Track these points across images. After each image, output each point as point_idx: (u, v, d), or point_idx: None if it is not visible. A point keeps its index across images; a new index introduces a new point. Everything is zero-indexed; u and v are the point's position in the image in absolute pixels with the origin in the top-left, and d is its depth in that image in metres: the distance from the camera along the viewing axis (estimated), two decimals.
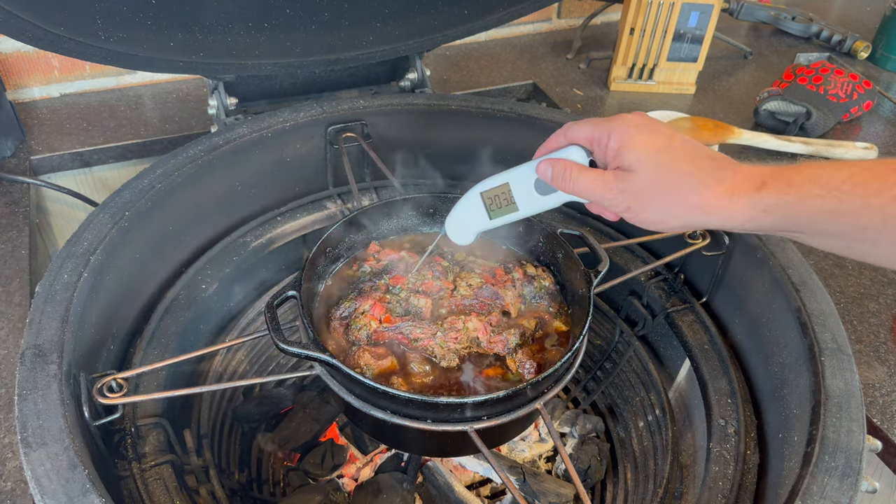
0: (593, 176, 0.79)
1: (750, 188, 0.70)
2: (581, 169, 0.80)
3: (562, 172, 0.81)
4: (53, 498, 0.68)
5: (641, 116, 0.78)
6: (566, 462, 0.83)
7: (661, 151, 0.74)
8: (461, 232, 0.97)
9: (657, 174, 0.73)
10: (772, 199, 0.69)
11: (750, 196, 0.70)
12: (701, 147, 0.75)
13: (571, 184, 0.80)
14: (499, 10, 1.45)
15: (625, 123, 0.77)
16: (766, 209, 0.69)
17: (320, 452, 1.25)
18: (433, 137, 1.38)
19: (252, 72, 1.33)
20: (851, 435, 0.81)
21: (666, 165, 0.73)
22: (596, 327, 1.35)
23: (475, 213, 0.93)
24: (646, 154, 0.74)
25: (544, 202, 0.87)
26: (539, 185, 0.86)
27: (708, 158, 0.73)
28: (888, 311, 1.25)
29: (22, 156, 1.54)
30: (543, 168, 0.83)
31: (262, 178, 1.27)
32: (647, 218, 0.77)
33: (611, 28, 2.28)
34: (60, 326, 0.84)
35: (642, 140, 0.75)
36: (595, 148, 0.80)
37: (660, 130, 0.76)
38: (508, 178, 0.89)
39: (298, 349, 0.83)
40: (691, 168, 0.73)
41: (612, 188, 0.77)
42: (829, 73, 1.78)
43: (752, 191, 0.69)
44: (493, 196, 0.91)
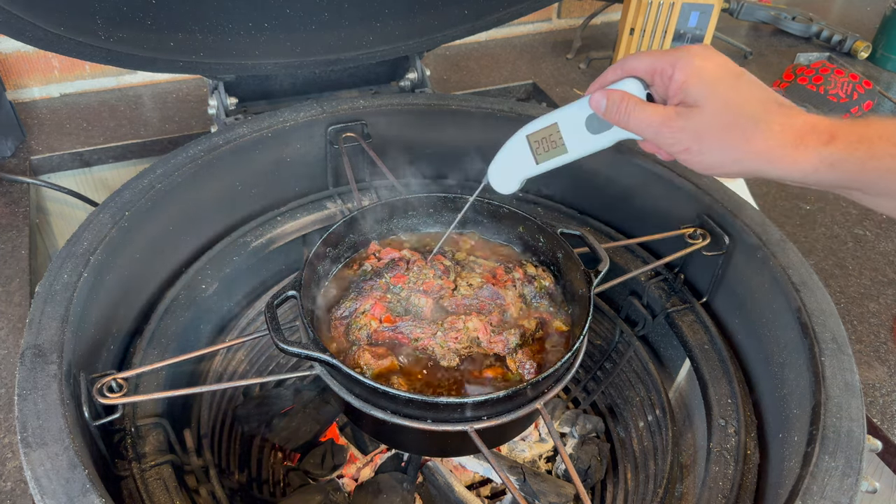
0: (652, 110, 0.74)
1: (819, 140, 0.66)
2: (639, 102, 0.75)
3: (617, 105, 0.76)
4: (53, 498, 0.68)
5: (709, 49, 0.73)
6: (566, 462, 0.83)
7: (729, 89, 0.70)
8: (505, 179, 0.92)
9: (724, 112, 0.69)
10: (841, 154, 0.65)
11: (818, 148, 0.66)
12: (769, 90, 0.71)
13: (627, 117, 0.75)
14: (499, 10, 1.45)
15: (692, 54, 0.72)
16: (833, 163, 0.66)
17: (320, 452, 1.25)
18: (433, 137, 1.38)
19: (252, 72, 1.33)
20: (851, 435, 0.81)
21: (734, 105, 0.69)
22: (596, 327, 1.35)
23: (520, 157, 0.88)
24: (713, 90, 0.70)
25: (596, 142, 0.82)
26: (591, 122, 0.80)
27: (777, 103, 0.70)
28: (888, 311, 1.25)
29: (22, 156, 1.54)
30: (597, 100, 0.78)
31: (262, 178, 1.27)
32: (705, 160, 0.72)
33: (611, 28, 2.28)
34: (60, 326, 0.84)
35: (711, 75, 0.70)
36: (656, 80, 0.75)
37: (730, 67, 0.72)
38: (557, 117, 0.84)
39: (298, 349, 0.83)
40: (760, 111, 0.69)
41: (672, 125, 0.72)
42: (829, 73, 1.78)
43: (821, 143, 0.66)
44: (540, 138, 0.86)
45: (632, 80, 0.77)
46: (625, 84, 0.77)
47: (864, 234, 1.44)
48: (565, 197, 1.37)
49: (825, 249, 1.39)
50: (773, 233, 1.07)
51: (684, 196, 1.18)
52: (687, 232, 1.13)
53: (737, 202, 1.13)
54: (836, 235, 1.44)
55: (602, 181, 1.30)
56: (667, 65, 0.73)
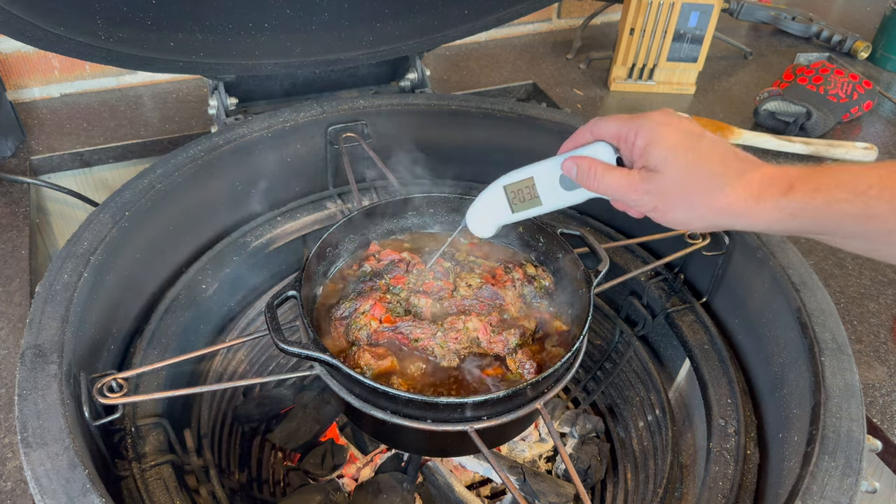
0: (618, 175, 0.77)
1: (777, 191, 0.69)
2: (606, 168, 0.79)
3: (587, 171, 0.80)
4: (53, 498, 0.68)
5: (669, 115, 0.76)
6: (566, 462, 0.83)
7: (688, 151, 0.72)
8: (482, 224, 0.96)
9: (684, 174, 0.72)
10: (799, 203, 0.68)
11: (777, 199, 0.69)
12: (729, 147, 0.74)
13: (596, 183, 0.79)
14: (499, 10, 1.45)
15: (652, 121, 0.75)
16: (793, 213, 0.68)
17: (320, 452, 1.25)
18: (433, 137, 1.38)
19: (252, 72, 1.33)
20: (851, 435, 0.81)
21: (693, 165, 0.72)
22: (596, 327, 1.35)
23: (498, 205, 0.92)
24: (673, 154, 0.73)
25: (568, 198, 0.86)
26: (564, 180, 0.85)
27: (736, 159, 0.72)
28: (888, 311, 1.25)
29: (22, 156, 1.54)
30: (568, 165, 0.82)
31: (261, 178, 1.27)
32: (673, 218, 0.76)
33: (611, 28, 2.28)
34: (60, 326, 0.84)
35: (670, 139, 0.73)
36: (622, 145, 0.79)
37: (688, 129, 0.74)
38: (533, 172, 0.88)
39: (298, 349, 0.83)
40: (719, 169, 0.72)
41: (637, 188, 0.76)
42: (829, 73, 1.78)
43: (779, 194, 0.69)
44: (516, 189, 0.90)
45: (602, 144, 0.81)
46: (595, 148, 0.81)
47: None
48: None
49: (825, 249, 1.39)
50: None
51: None
52: (687, 232, 1.13)
53: None
54: None
55: None
56: (630, 131, 0.77)
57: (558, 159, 0.85)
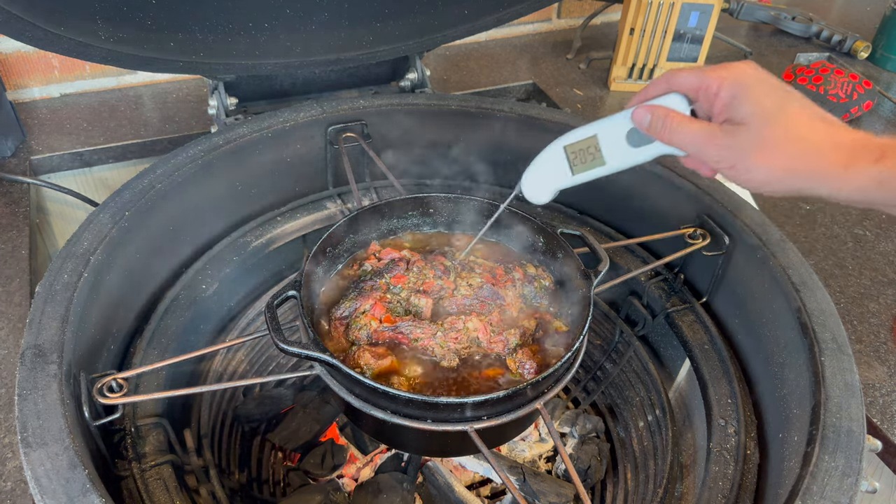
0: (698, 126, 0.74)
1: (868, 158, 0.66)
2: (684, 118, 0.75)
3: (662, 120, 0.75)
4: (53, 498, 0.68)
5: (756, 67, 0.73)
6: (566, 462, 0.83)
7: (777, 107, 0.69)
8: (539, 189, 0.90)
9: (772, 131, 0.69)
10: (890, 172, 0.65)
11: (867, 167, 0.66)
12: (817, 108, 0.71)
13: (671, 133, 0.75)
14: (499, 10, 1.45)
15: (739, 72, 0.72)
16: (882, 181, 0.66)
17: (320, 452, 1.25)
18: (433, 137, 1.38)
19: (252, 72, 1.33)
20: (851, 435, 0.81)
21: (782, 123, 0.69)
22: (596, 327, 1.35)
23: (556, 168, 0.87)
24: (761, 108, 0.69)
25: (636, 155, 0.81)
26: (632, 135, 0.80)
27: (824, 122, 0.69)
28: (888, 311, 1.25)
29: (22, 156, 1.54)
30: (641, 114, 0.77)
31: (262, 178, 1.27)
32: (752, 178, 0.72)
33: (611, 28, 2.28)
34: (60, 326, 0.84)
35: (759, 92, 0.70)
36: (701, 97, 0.75)
37: (777, 85, 0.71)
38: (597, 129, 0.83)
39: (298, 349, 0.83)
40: (809, 129, 0.69)
41: (718, 142, 0.72)
42: (829, 73, 1.78)
43: (870, 162, 0.66)
44: (577, 149, 0.84)
45: (676, 96, 0.76)
46: (668, 99, 0.77)
47: (864, 234, 1.44)
48: (565, 197, 1.37)
49: (825, 249, 1.39)
50: (773, 233, 1.07)
51: (684, 196, 1.18)
52: (687, 232, 1.13)
53: (737, 202, 1.13)
54: (836, 235, 1.44)
55: (602, 181, 1.28)
56: (712, 82, 0.73)
57: (627, 112, 0.80)
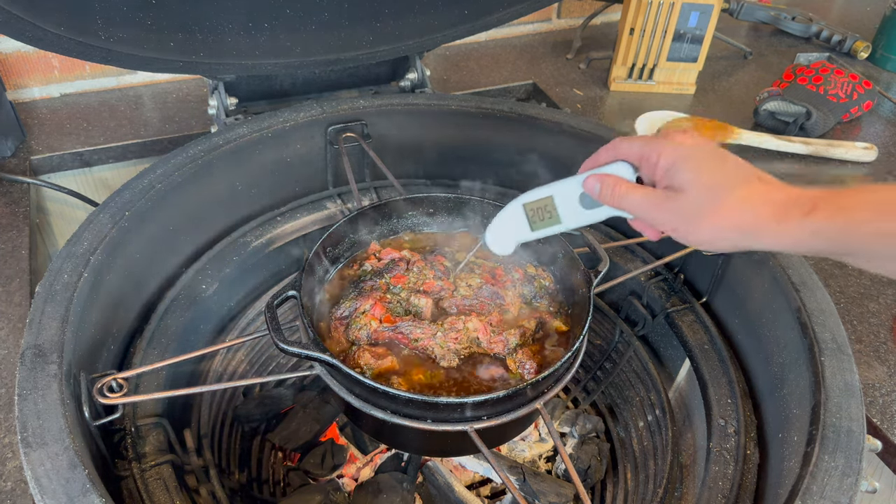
0: (642, 193, 0.78)
1: (800, 212, 0.69)
2: (630, 185, 0.79)
3: (611, 188, 0.80)
4: (53, 498, 0.68)
5: (692, 136, 0.77)
6: (566, 462, 0.83)
7: (712, 172, 0.73)
8: (501, 242, 0.96)
9: (707, 195, 0.73)
10: (822, 224, 0.68)
11: (800, 220, 0.69)
12: (752, 169, 0.74)
13: (619, 200, 0.80)
14: (499, 10, 1.45)
15: (676, 142, 0.76)
16: (815, 232, 0.69)
17: (320, 452, 1.25)
18: (433, 137, 1.38)
19: (252, 72, 1.33)
20: (851, 435, 0.81)
21: (717, 187, 0.73)
22: (596, 327, 1.35)
23: (517, 223, 0.92)
24: (696, 175, 0.73)
25: (588, 216, 0.87)
26: (584, 199, 0.85)
27: (759, 181, 0.73)
28: (888, 311, 1.25)
29: (22, 156, 1.54)
30: (591, 183, 0.82)
31: (262, 178, 1.27)
32: (696, 239, 0.76)
33: (611, 28, 2.28)
34: (60, 326, 0.84)
35: (693, 160, 0.74)
36: (643, 165, 0.79)
37: (711, 151, 0.75)
38: (552, 190, 0.88)
39: (298, 349, 0.83)
40: (742, 190, 0.72)
41: (660, 207, 0.76)
42: (829, 73, 1.78)
43: (803, 214, 0.69)
44: (535, 208, 0.90)
45: (622, 164, 0.81)
46: (616, 167, 0.81)
47: None
48: None
49: None
50: None
51: None
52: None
53: None
54: None
55: None
56: (653, 152, 0.77)
57: (579, 178, 0.85)
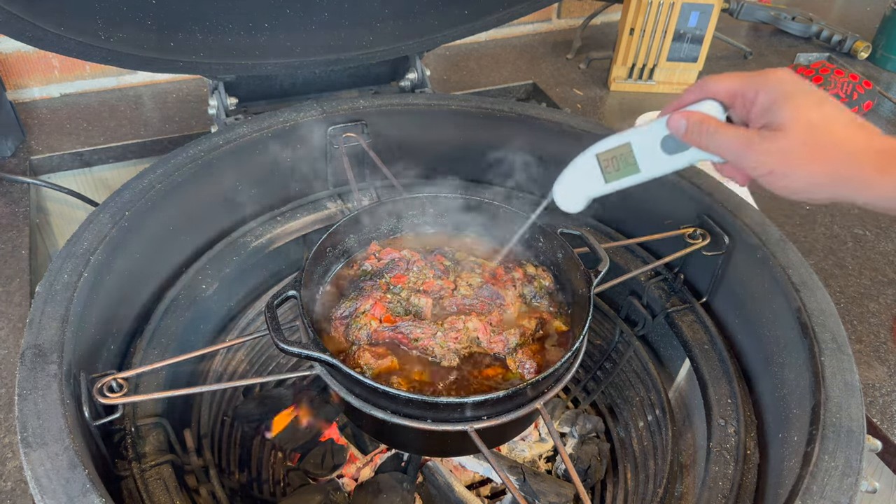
0: (735, 132, 0.73)
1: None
2: (720, 124, 0.74)
3: (698, 126, 0.75)
4: (53, 498, 0.68)
5: (793, 74, 0.72)
6: (566, 462, 0.83)
7: (817, 114, 0.69)
8: (571, 197, 0.89)
9: (810, 137, 0.68)
10: None
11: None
12: (853, 115, 0.71)
13: (708, 139, 0.74)
14: (499, 10, 1.45)
15: (777, 79, 0.71)
16: None
17: (320, 452, 1.25)
18: (433, 137, 1.38)
19: (252, 72, 1.33)
20: (851, 435, 0.81)
21: (820, 129, 0.68)
22: (596, 327, 1.35)
23: (589, 176, 0.85)
24: (800, 114, 0.69)
25: (671, 162, 0.81)
26: (667, 142, 0.79)
27: (862, 128, 0.69)
28: (888, 311, 1.25)
29: (22, 156, 1.54)
30: (676, 121, 0.76)
31: (262, 178, 1.27)
32: (790, 184, 0.71)
33: (611, 28, 2.28)
34: (60, 326, 0.84)
35: (798, 99, 0.70)
36: (737, 103, 0.74)
37: (814, 91, 0.71)
38: (631, 137, 0.82)
39: (298, 349, 0.83)
40: (846, 135, 0.68)
41: (756, 147, 0.71)
42: (829, 74, 1.78)
43: None
44: (610, 157, 0.83)
45: (711, 102, 0.76)
46: (704, 106, 0.76)
47: (863, 233, 1.44)
48: None
49: (825, 249, 1.39)
50: (772, 233, 1.07)
51: (684, 196, 1.17)
52: (687, 232, 1.13)
53: (737, 202, 1.13)
54: (836, 235, 1.44)
55: None
56: (749, 88, 0.73)
57: (661, 120, 0.79)
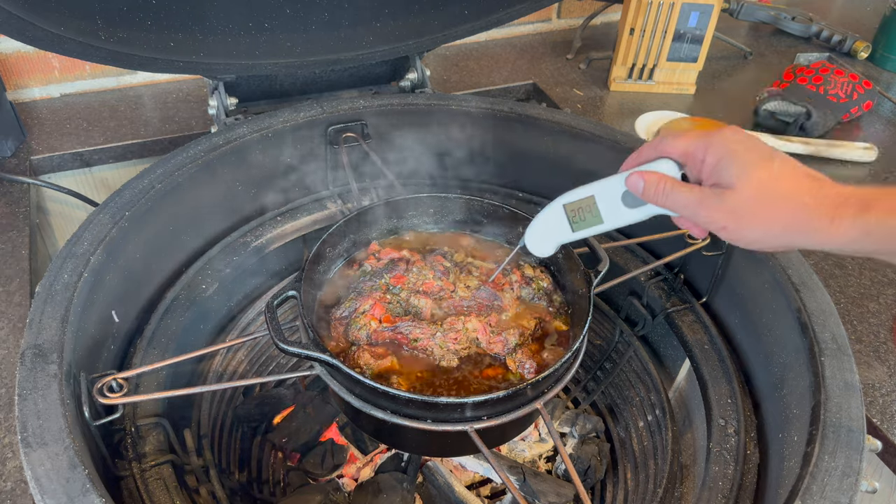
0: (688, 190, 0.76)
1: (853, 210, 0.68)
2: (675, 183, 0.77)
3: (654, 185, 0.78)
4: (53, 498, 0.68)
5: (739, 132, 0.75)
6: (566, 462, 0.83)
7: (762, 169, 0.71)
8: (541, 244, 0.95)
9: (757, 192, 0.71)
10: (876, 223, 0.67)
11: (853, 218, 0.68)
12: (801, 166, 0.73)
13: (664, 198, 0.78)
14: (499, 10, 1.45)
15: (724, 138, 0.74)
16: (868, 231, 0.67)
17: (320, 452, 1.25)
18: (433, 137, 1.38)
19: (252, 72, 1.33)
20: (851, 435, 0.81)
21: (767, 184, 0.71)
22: (596, 327, 1.35)
23: (557, 225, 0.91)
24: (746, 171, 0.71)
25: (631, 215, 0.85)
26: (627, 197, 0.83)
27: (809, 178, 0.71)
28: (888, 311, 1.25)
29: (22, 156, 1.54)
30: (634, 180, 0.80)
31: (262, 178, 1.27)
32: (744, 237, 0.74)
33: (611, 28, 2.28)
34: (60, 326, 0.84)
35: (743, 157, 0.72)
36: (689, 162, 0.77)
37: (760, 148, 0.73)
38: (593, 190, 0.86)
39: (298, 349, 0.83)
40: (793, 187, 0.70)
41: (708, 205, 0.74)
42: (829, 74, 1.78)
43: (856, 213, 0.68)
44: (576, 208, 0.88)
45: (666, 161, 0.79)
46: (660, 164, 0.79)
47: None
48: None
49: None
50: None
51: None
52: (687, 232, 1.12)
53: None
54: None
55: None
56: (698, 148, 0.75)
57: (621, 176, 0.83)
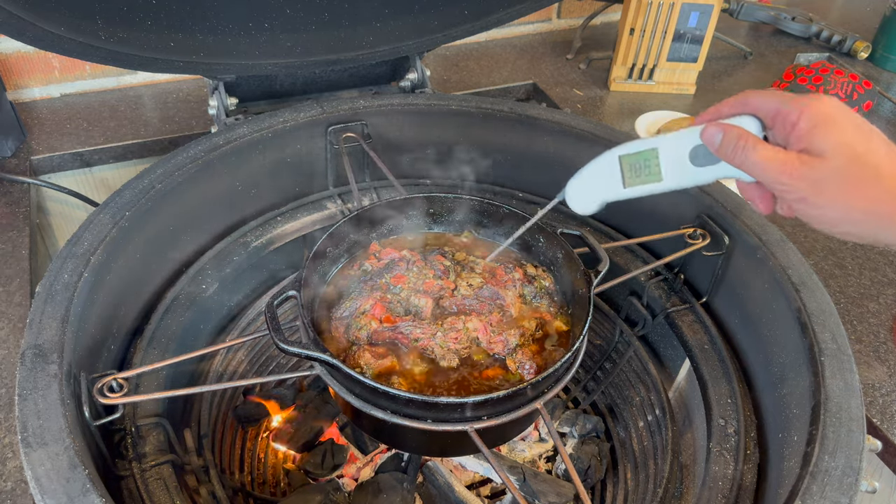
0: (773, 152, 0.68)
1: None
2: (758, 141, 0.70)
3: (735, 141, 0.70)
4: (53, 498, 0.68)
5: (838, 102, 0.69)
6: (566, 462, 0.83)
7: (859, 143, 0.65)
8: (585, 198, 0.85)
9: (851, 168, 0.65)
10: None
11: None
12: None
13: (744, 156, 0.70)
14: (499, 10, 1.45)
15: (821, 104, 0.68)
16: None
17: (320, 452, 1.25)
18: (433, 137, 1.38)
19: (252, 72, 1.33)
20: (851, 435, 0.81)
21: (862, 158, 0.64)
22: (596, 327, 1.35)
23: (608, 178, 0.81)
24: (845, 142, 0.65)
25: (697, 175, 0.76)
26: (697, 153, 0.75)
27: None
28: (888, 311, 1.25)
29: (22, 156, 1.54)
30: (711, 133, 0.72)
31: (262, 178, 1.27)
32: (822, 214, 0.68)
33: (611, 28, 2.28)
34: (60, 326, 0.84)
35: (842, 126, 0.66)
36: (778, 123, 0.70)
37: (859, 121, 0.68)
38: (658, 143, 0.78)
39: (298, 349, 0.83)
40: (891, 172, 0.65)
41: (793, 171, 0.67)
42: (829, 74, 1.78)
43: None
44: (634, 161, 0.79)
45: (749, 118, 0.73)
46: (742, 121, 0.73)
47: None
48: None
49: (825, 249, 1.39)
50: (772, 233, 1.07)
51: (684, 196, 1.17)
52: (687, 232, 1.13)
53: (737, 202, 1.13)
54: None
55: None
56: (793, 109, 0.69)
57: (694, 130, 0.75)
